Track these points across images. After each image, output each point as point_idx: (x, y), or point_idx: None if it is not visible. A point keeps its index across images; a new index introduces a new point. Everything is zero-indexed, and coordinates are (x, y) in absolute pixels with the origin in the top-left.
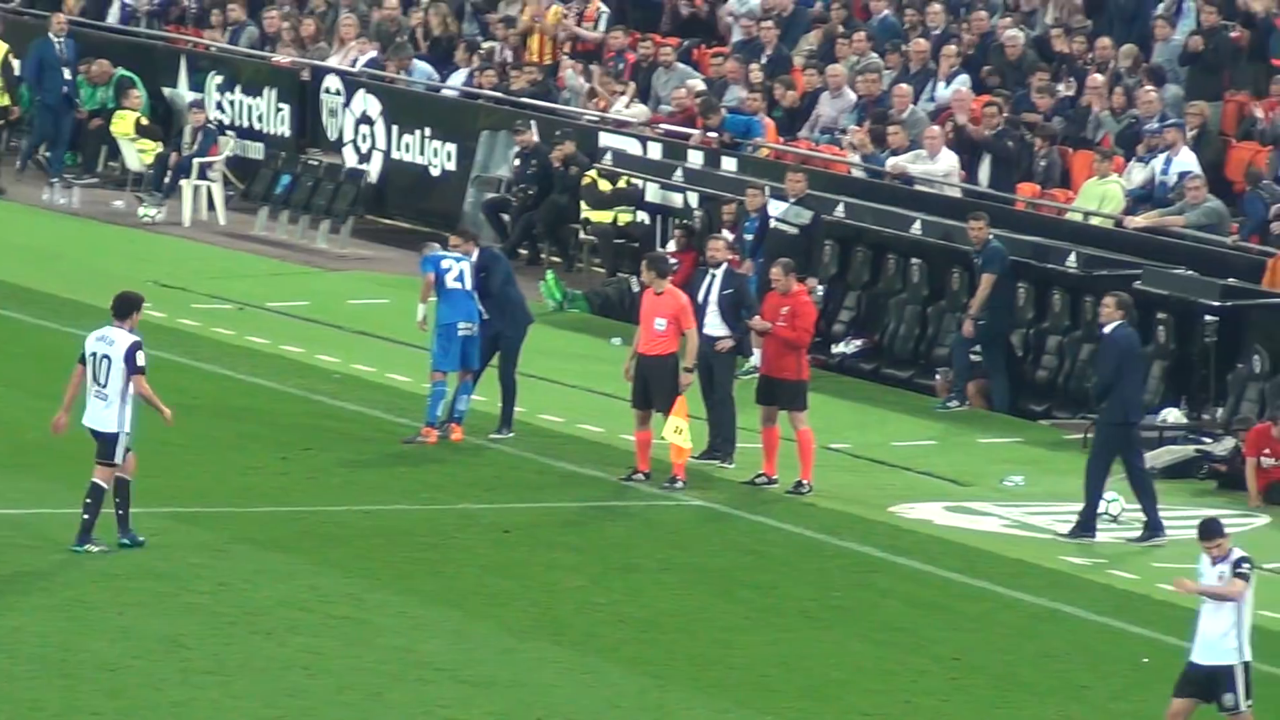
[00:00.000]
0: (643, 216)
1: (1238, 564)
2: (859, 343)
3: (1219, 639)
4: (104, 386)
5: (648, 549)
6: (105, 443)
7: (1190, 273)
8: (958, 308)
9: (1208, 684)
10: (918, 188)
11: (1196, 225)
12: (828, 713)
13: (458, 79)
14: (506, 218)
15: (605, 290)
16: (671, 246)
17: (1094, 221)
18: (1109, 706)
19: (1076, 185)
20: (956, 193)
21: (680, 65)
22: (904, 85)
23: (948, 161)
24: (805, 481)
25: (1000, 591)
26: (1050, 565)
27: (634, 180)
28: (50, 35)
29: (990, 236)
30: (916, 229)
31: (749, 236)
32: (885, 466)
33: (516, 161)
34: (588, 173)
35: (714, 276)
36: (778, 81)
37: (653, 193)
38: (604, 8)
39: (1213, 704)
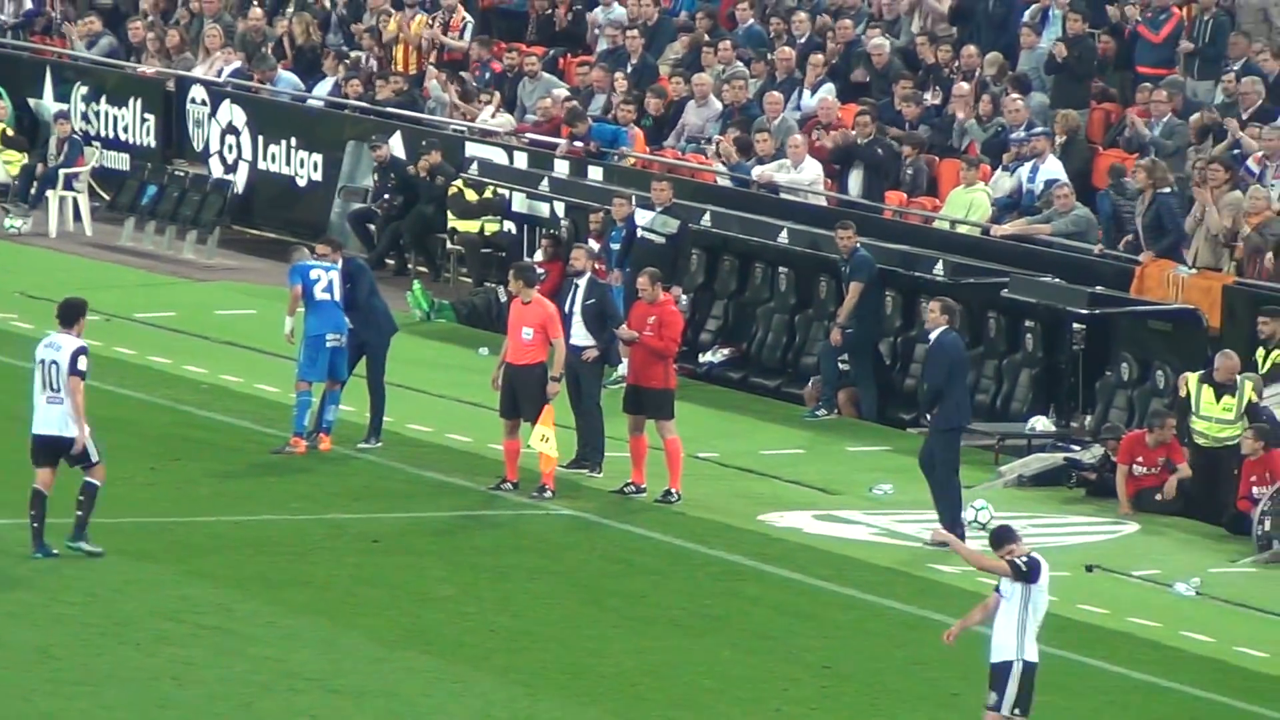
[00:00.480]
0: (509, 226)
1: (1024, 559)
2: (726, 352)
3: (1003, 636)
4: (57, 392)
5: (517, 558)
6: (64, 447)
7: (1058, 281)
8: (825, 316)
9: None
10: (784, 196)
11: (1064, 233)
12: None
13: (323, 89)
14: (373, 228)
15: (472, 300)
16: (539, 256)
17: (961, 230)
18: (980, 713)
19: (943, 194)
20: (823, 201)
21: (546, 75)
22: (775, 93)
23: (813, 170)
24: (674, 490)
25: (870, 599)
26: (919, 573)
27: (500, 190)
28: None
29: (858, 245)
30: (783, 238)
31: (615, 246)
32: (754, 475)
33: (375, 176)
34: (454, 183)
35: (577, 286)
36: (650, 91)
37: (519, 202)
38: (469, 17)
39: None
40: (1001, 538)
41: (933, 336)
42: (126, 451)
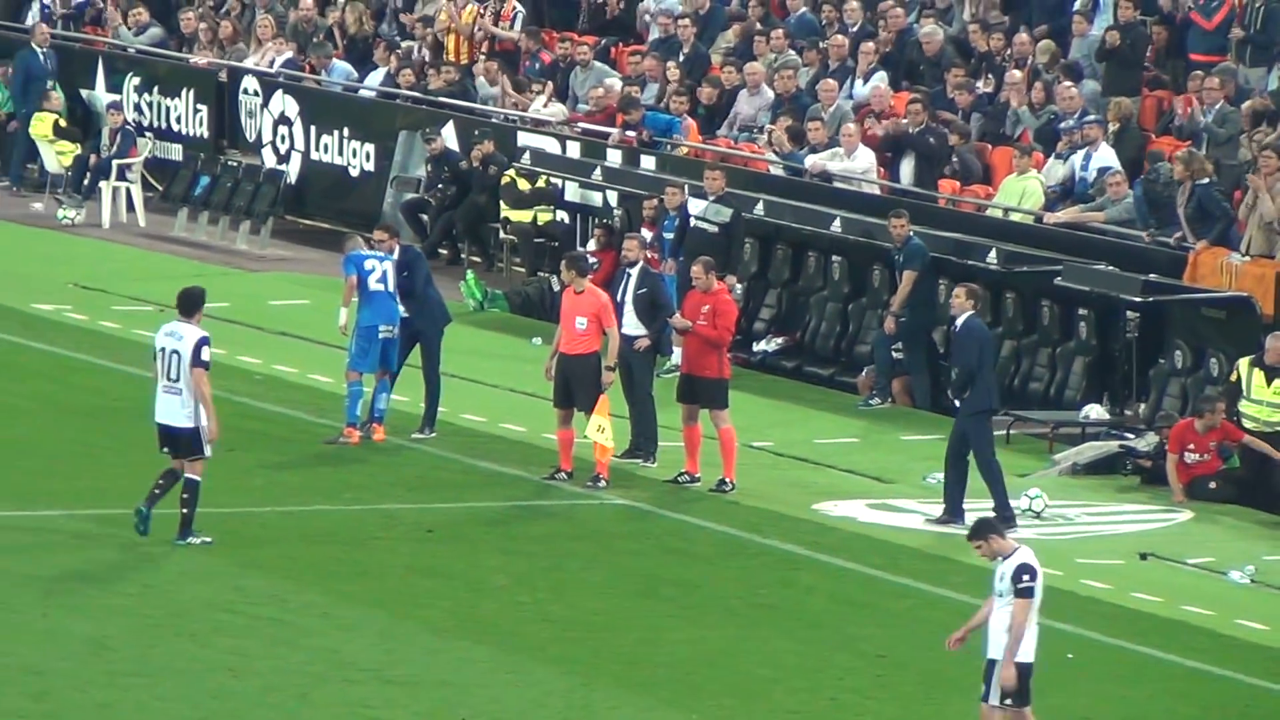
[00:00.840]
0: (562, 215)
1: (1018, 577)
2: (780, 340)
3: (998, 636)
4: (175, 381)
5: (571, 548)
6: (181, 439)
7: (1111, 268)
8: (879, 305)
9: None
10: (837, 185)
11: (1117, 220)
12: (754, 710)
13: (376, 79)
14: (425, 218)
15: (525, 289)
16: (591, 245)
17: (1014, 218)
18: (1034, 703)
19: (996, 182)
20: (876, 190)
21: (598, 64)
22: (830, 80)
23: (866, 159)
24: (728, 480)
25: (924, 588)
26: (973, 562)
27: (553, 179)
28: (34, 46)
29: (911, 233)
30: (836, 226)
31: (669, 235)
32: (808, 464)
33: (429, 167)
34: (506, 172)
35: (629, 275)
36: (704, 80)
37: (572, 191)
38: (519, 7)
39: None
40: (979, 530)
41: (959, 322)
42: None
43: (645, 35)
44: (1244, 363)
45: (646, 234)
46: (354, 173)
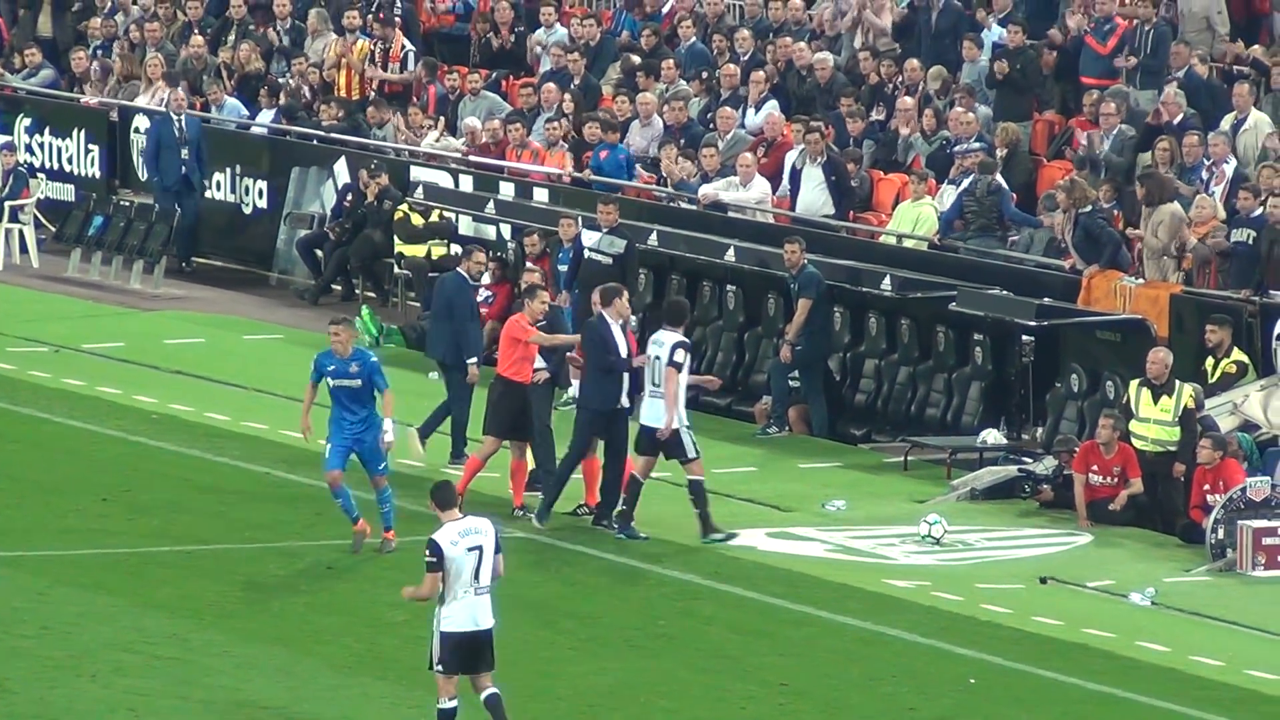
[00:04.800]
0: (456, 249)
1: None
2: None
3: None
4: (657, 386)
5: None
6: (645, 435)
7: (1006, 293)
8: (774, 334)
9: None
10: (731, 214)
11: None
12: None
13: (267, 116)
14: (320, 254)
15: (420, 324)
16: (486, 279)
17: (908, 244)
18: None
19: (889, 208)
20: (770, 219)
21: (489, 94)
22: (726, 108)
23: (760, 188)
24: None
25: (825, 616)
26: (874, 589)
27: (446, 213)
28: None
29: (805, 261)
30: (730, 256)
31: (563, 267)
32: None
33: (349, 199)
34: (400, 207)
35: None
36: (591, 116)
37: (465, 225)
38: (409, 45)
39: None
40: (440, 499)
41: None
42: (77, 483)
43: (536, 67)
44: (1134, 384)
45: (530, 266)
46: (247, 210)
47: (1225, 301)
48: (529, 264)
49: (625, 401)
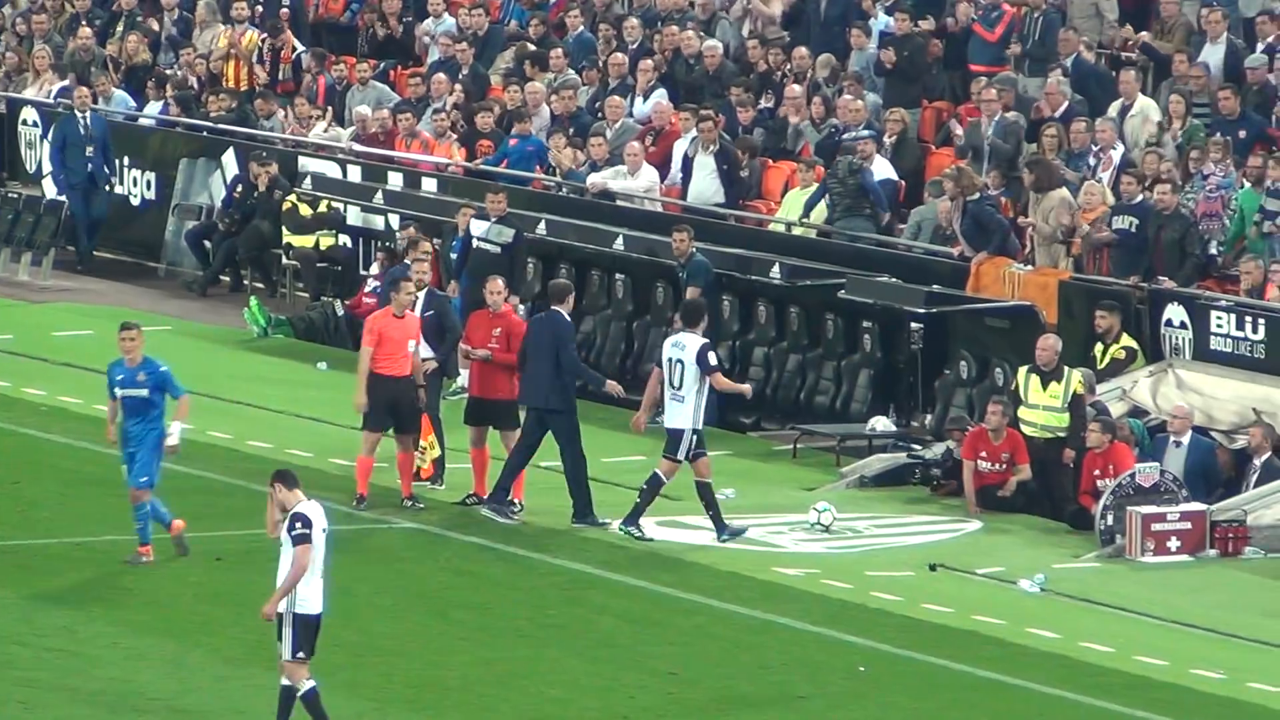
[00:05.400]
0: (345, 240)
1: (292, 525)
2: None
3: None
4: (677, 388)
5: (361, 572)
6: (671, 438)
7: (894, 280)
8: (663, 322)
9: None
10: (619, 203)
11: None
12: None
13: (155, 108)
14: (209, 245)
15: (309, 315)
16: (374, 269)
17: (796, 232)
18: (827, 715)
19: (778, 196)
20: (658, 207)
21: (378, 85)
22: (615, 97)
23: (648, 177)
24: (517, 500)
25: (714, 605)
26: (764, 577)
27: (334, 204)
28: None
29: (694, 249)
30: (619, 244)
31: (454, 256)
32: (596, 483)
33: (238, 190)
34: (288, 198)
35: (416, 298)
36: (480, 105)
37: (354, 216)
38: (300, 46)
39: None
40: (287, 480)
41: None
42: None
43: (424, 57)
44: (1022, 370)
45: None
46: (135, 202)
47: (1114, 288)
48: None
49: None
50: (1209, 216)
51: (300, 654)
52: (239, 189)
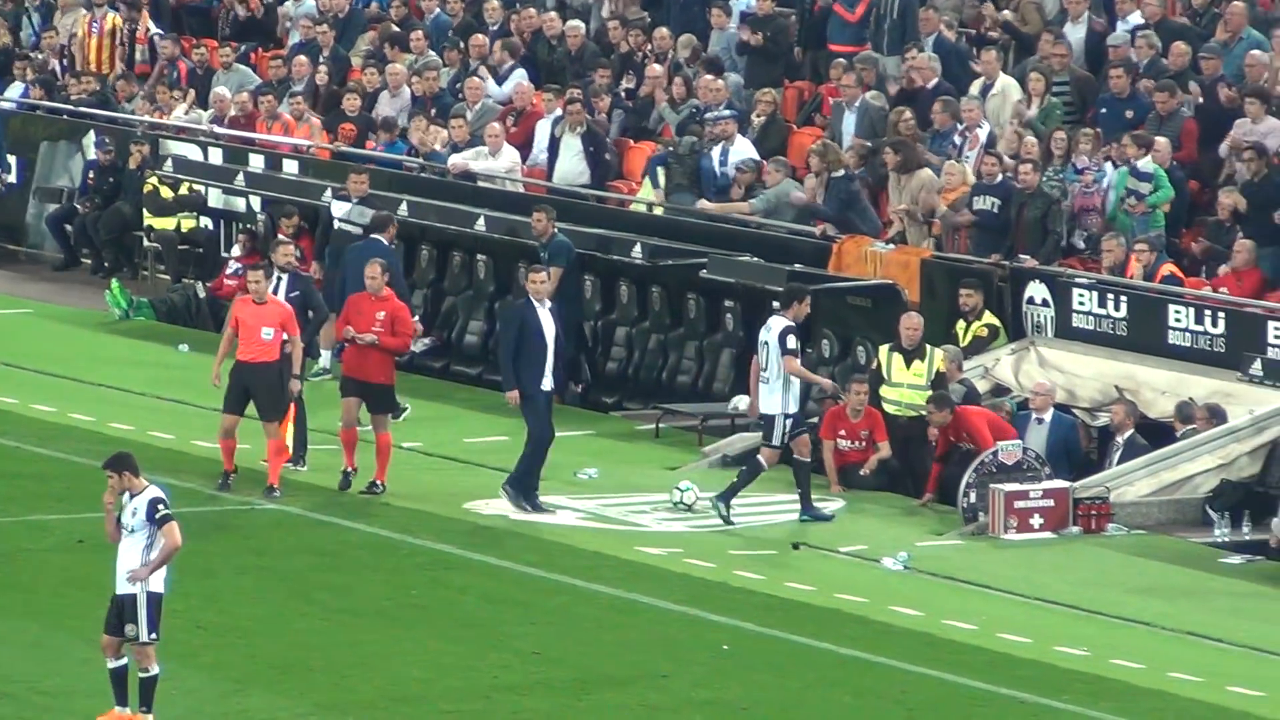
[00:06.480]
0: (206, 222)
1: (154, 509)
2: (427, 341)
3: (124, 570)
4: (765, 371)
5: (224, 554)
6: (764, 424)
7: (756, 260)
8: None
9: (121, 615)
10: (481, 184)
11: (762, 211)
12: (410, 713)
13: (16, 90)
14: (70, 229)
15: (171, 297)
16: (236, 251)
17: (658, 212)
18: (690, 694)
19: (639, 177)
20: (520, 188)
21: (240, 67)
22: (475, 79)
23: (509, 157)
24: (380, 481)
25: (578, 584)
26: (627, 556)
27: (196, 187)
28: None
29: (555, 230)
30: (481, 225)
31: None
32: (458, 464)
33: (91, 176)
34: (149, 180)
35: (280, 280)
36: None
37: (215, 198)
38: (154, 28)
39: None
40: (113, 464)
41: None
42: None
43: (285, 40)
44: (884, 349)
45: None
46: None
47: (976, 266)
48: (282, 237)
49: (549, 384)
50: (1086, 211)
51: (154, 634)
52: (91, 174)
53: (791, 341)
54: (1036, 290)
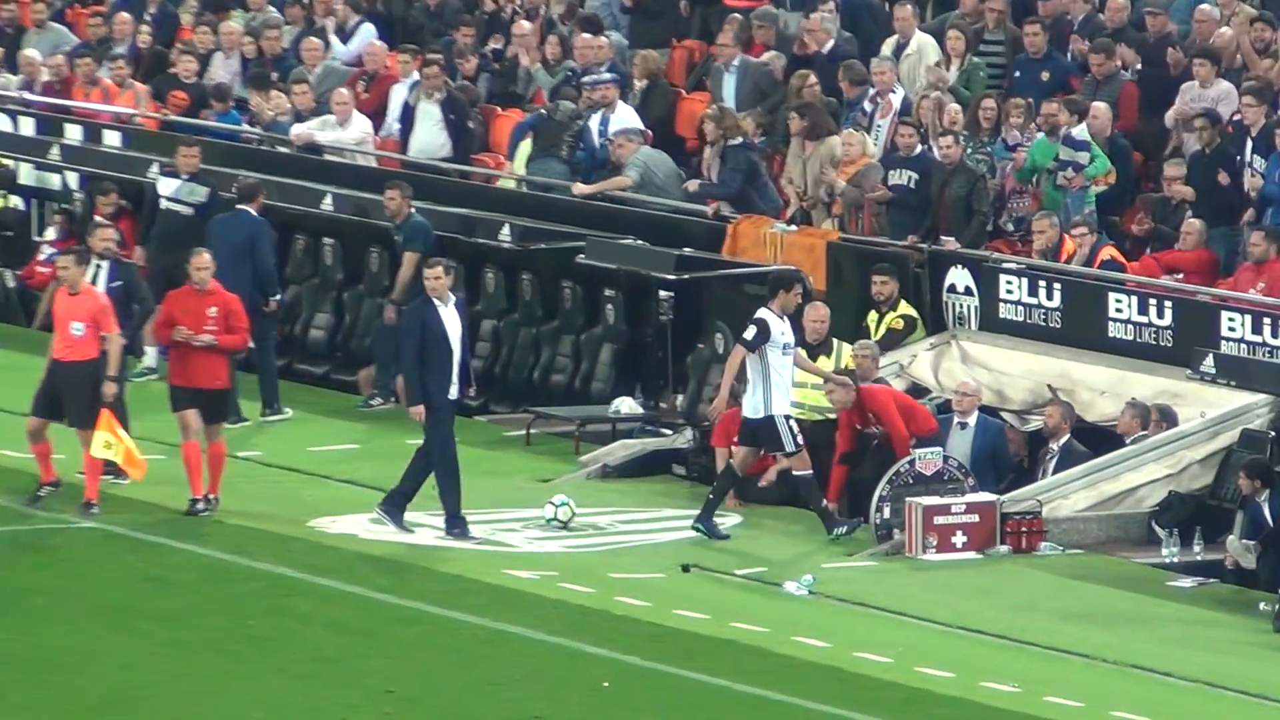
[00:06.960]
0: (16, 201)
1: None
2: None
3: None
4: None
5: (36, 579)
6: (767, 433)
7: (640, 243)
8: (378, 292)
9: None
10: (327, 158)
11: (638, 182)
12: None
13: None
14: None
15: None
16: (51, 234)
17: (530, 189)
18: None
19: (507, 149)
20: (372, 161)
21: (55, 26)
22: (313, 39)
23: (360, 127)
24: (214, 495)
25: (437, 612)
26: (494, 580)
27: (4, 161)
28: None
29: (411, 210)
30: (328, 204)
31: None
32: (301, 475)
33: None
34: None
35: (100, 269)
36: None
37: (26, 174)
38: None
39: None
40: None
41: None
42: None
43: None
44: None
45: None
46: None
47: (890, 249)
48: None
49: (454, 393)
50: (1018, 194)
51: None
52: None
53: (749, 331)
54: (959, 277)
